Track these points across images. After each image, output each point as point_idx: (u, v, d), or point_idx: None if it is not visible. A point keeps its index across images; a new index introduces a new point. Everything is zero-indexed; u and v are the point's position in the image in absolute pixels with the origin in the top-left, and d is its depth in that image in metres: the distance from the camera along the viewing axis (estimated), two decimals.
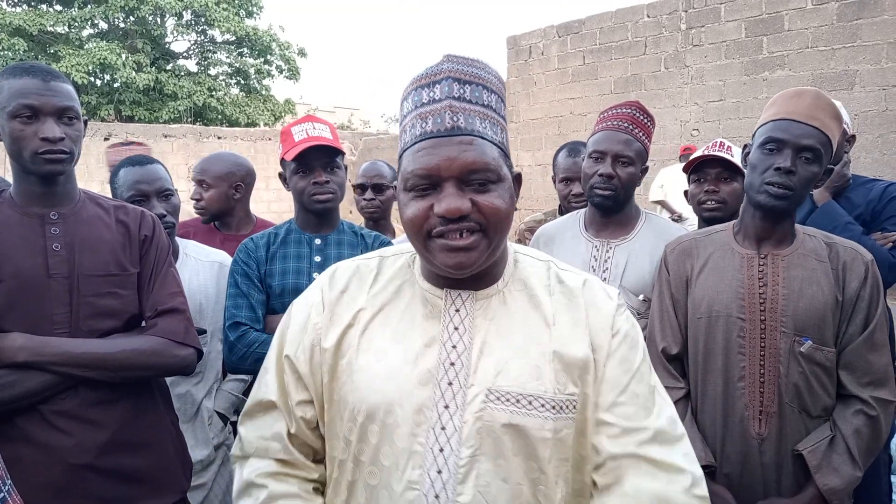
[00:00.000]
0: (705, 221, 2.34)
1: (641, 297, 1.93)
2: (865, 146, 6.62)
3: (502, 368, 1.03)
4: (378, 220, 2.81)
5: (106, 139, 10.96)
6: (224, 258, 2.25)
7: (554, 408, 1.01)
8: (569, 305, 1.09)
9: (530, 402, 1.01)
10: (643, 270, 1.95)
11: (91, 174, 10.72)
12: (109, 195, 1.91)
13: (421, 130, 1.01)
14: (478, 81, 1.03)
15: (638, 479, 1.01)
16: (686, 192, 2.51)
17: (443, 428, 1.02)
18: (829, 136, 1.59)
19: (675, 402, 1.72)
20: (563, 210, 2.77)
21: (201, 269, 2.20)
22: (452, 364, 1.04)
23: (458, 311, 1.08)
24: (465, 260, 1.00)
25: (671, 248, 1.84)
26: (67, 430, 1.47)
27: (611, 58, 8.76)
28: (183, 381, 2.06)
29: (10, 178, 1.77)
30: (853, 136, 2.60)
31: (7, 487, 0.85)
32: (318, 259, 2.01)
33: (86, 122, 1.63)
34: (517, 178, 1.10)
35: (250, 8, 20.06)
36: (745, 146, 1.74)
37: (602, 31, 8.84)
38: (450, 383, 1.03)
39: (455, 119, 0.99)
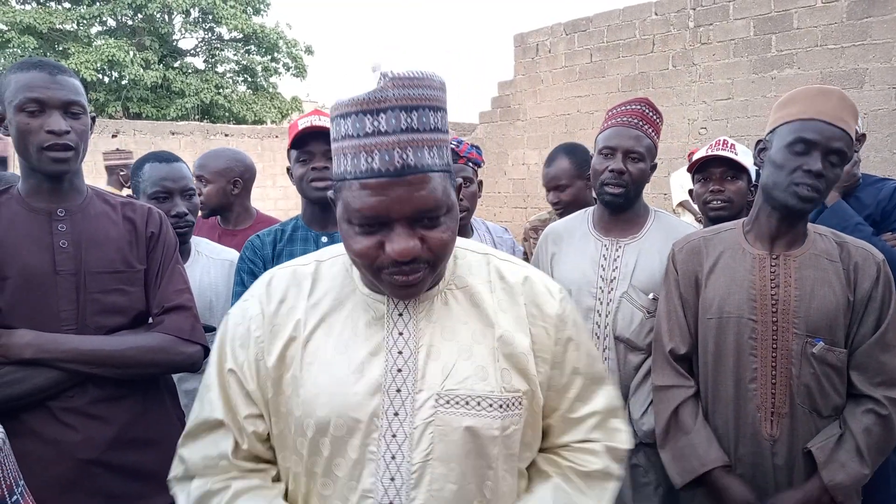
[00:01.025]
0: (711, 221, 2.32)
1: (651, 295, 1.92)
2: (875, 145, 6.56)
3: (450, 371, 1.03)
4: None
5: (114, 136, 10.99)
6: (235, 256, 2.25)
7: (501, 406, 1.03)
8: (510, 303, 1.09)
9: (479, 403, 1.02)
10: (653, 269, 1.94)
11: (99, 171, 10.74)
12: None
13: (367, 167, 0.94)
14: (424, 104, 0.96)
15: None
16: (691, 192, 2.50)
17: (393, 435, 1.02)
18: (852, 138, 1.58)
19: (685, 401, 1.71)
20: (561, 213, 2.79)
21: (212, 266, 2.20)
22: (399, 370, 1.04)
23: (401, 315, 1.07)
24: (413, 292, 1.02)
25: (679, 246, 1.82)
26: (75, 426, 1.47)
27: (618, 56, 8.73)
28: (192, 377, 2.06)
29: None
30: (863, 135, 2.58)
31: (20, 489, 0.85)
32: None
33: (94, 119, 1.62)
34: (459, 189, 1.08)
35: (257, 5, 20.09)
36: (759, 141, 1.71)
37: (610, 28, 8.80)
38: (398, 390, 1.03)
39: (405, 157, 0.93)
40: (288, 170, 2.10)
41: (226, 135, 12.40)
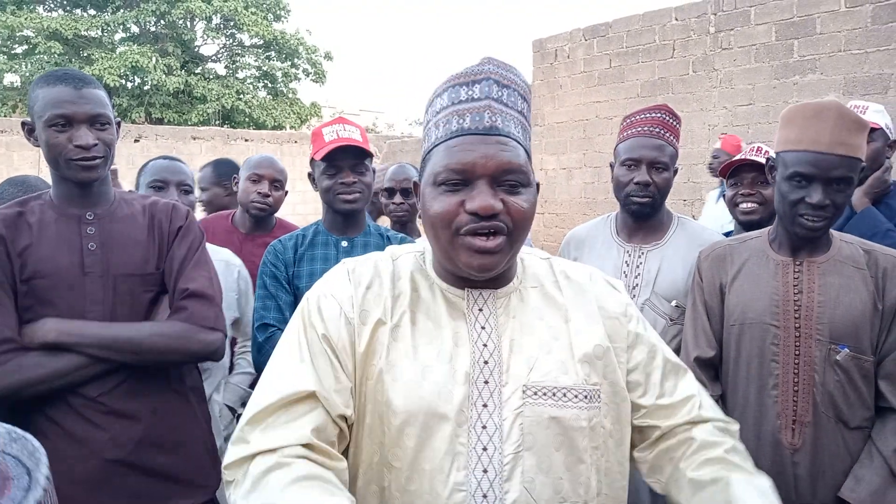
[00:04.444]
0: (741, 224, 2.35)
1: (674, 303, 1.91)
2: None
3: (533, 364, 1.05)
4: (406, 224, 2.82)
5: (136, 141, 11.16)
6: (229, 257, 2.32)
7: (586, 398, 1.04)
8: (580, 300, 1.13)
9: (565, 395, 1.03)
10: (676, 276, 1.93)
11: (122, 175, 10.92)
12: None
13: (458, 126, 1.02)
14: (514, 86, 1.06)
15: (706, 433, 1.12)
16: (724, 195, 2.52)
17: (483, 426, 1.01)
18: (858, 157, 1.54)
19: None
20: None
21: None
22: (486, 362, 1.04)
23: (480, 310, 1.08)
24: (489, 262, 1.00)
25: (705, 254, 1.82)
26: (102, 425, 1.50)
27: (638, 61, 8.69)
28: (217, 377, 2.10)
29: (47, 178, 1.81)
30: (895, 142, 2.55)
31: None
32: None
33: (119, 124, 1.66)
34: (537, 187, 1.10)
35: (278, 11, 20.32)
36: (769, 159, 1.72)
37: (629, 34, 8.77)
38: (486, 381, 1.03)
39: (493, 119, 1.01)
40: (309, 175, 2.13)
41: (246, 140, 12.53)
